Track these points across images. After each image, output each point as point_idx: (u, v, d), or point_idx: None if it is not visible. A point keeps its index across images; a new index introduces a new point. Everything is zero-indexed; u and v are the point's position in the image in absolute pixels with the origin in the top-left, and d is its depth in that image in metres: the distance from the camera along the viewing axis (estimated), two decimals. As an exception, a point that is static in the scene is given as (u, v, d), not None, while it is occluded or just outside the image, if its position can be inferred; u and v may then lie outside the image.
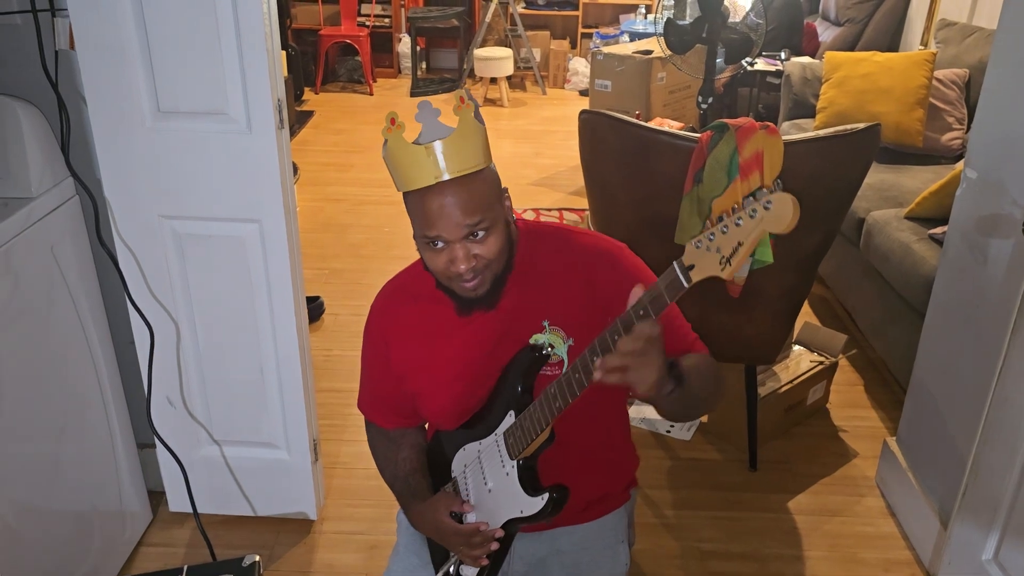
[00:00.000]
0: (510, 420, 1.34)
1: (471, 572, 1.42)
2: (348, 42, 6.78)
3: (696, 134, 2.10)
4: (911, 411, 2.35)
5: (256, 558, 1.75)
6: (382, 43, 7.23)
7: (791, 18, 5.20)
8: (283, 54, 1.71)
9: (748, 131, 2.01)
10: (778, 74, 4.61)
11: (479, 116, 1.24)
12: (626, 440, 1.57)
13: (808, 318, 3.33)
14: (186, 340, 2.10)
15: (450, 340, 1.40)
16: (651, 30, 6.16)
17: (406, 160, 1.20)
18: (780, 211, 0.93)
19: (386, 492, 1.49)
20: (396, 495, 1.54)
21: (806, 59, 4.54)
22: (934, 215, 2.83)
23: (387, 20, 7.21)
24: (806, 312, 3.40)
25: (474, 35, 6.96)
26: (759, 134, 2.02)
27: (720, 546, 2.29)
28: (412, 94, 6.78)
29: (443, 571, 1.44)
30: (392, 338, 1.45)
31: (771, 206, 0.94)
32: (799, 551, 2.28)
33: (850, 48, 4.83)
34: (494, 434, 1.36)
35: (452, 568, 1.44)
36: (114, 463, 2.14)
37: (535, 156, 5.41)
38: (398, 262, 1.48)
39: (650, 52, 4.88)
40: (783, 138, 2.04)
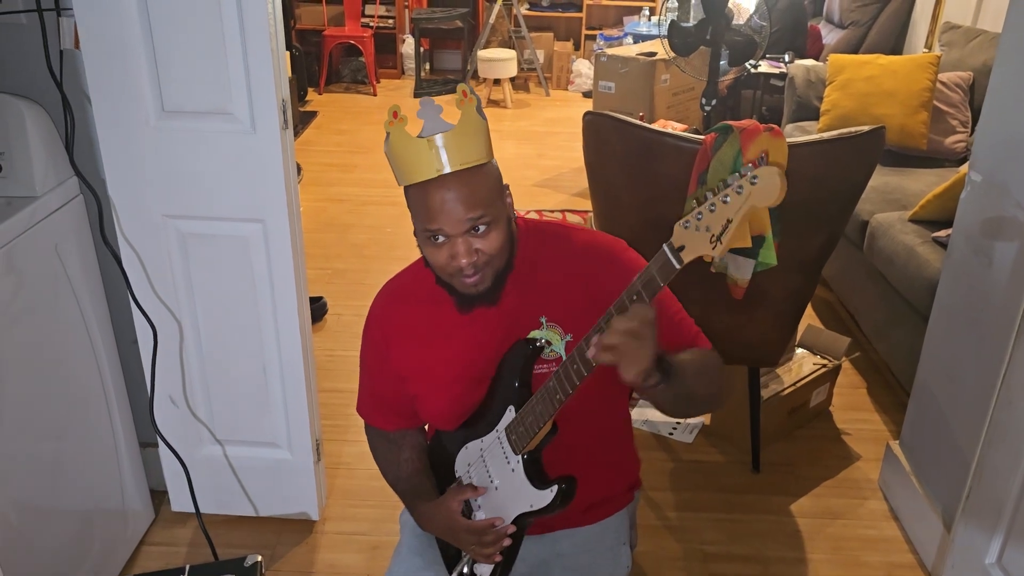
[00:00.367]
0: (510, 416, 1.33)
1: (486, 571, 1.41)
2: (352, 43, 6.79)
3: (700, 136, 2.10)
4: (914, 414, 2.34)
5: (258, 558, 1.75)
6: (386, 44, 7.24)
7: (795, 20, 5.20)
8: (287, 55, 1.71)
9: (752, 133, 2.01)
10: (782, 76, 4.61)
11: (481, 111, 1.24)
12: (628, 442, 1.57)
13: (811, 321, 3.32)
14: (189, 339, 2.10)
15: (449, 341, 1.40)
16: (655, 32, 6.17)
17: (408, 153, 1.20)
18: (767, 184, 0.93)
19: (388, 493, 1.49)
20: (401, 496, 1.53)
21: (810, 62, 4.53)
22: (938, 218, 2.82)
23: (391, 21, 7.21)
24: (809, 315, 3.39)
25: (478, 36, 6.97)
26: (763, 136, 2.02)
27: (722, 548, 2.29)
28: (416, 95, 6.78)
29: (457, 571, 1.44)
30: (392, 339, 1.45)
31: (758, 181, 0.94)
32: (802, 554, 2.28)
33: (854, 51, 4.83)
34: (495, 431, 1.36)
35: (466, 568, 1.43)
36: (116, 462, 2.14)
37: (538, 157, 5.41)
38: (401, 263, 1.47)
39: (654, 54, 4.88)
40: (787, 140, 2.04)
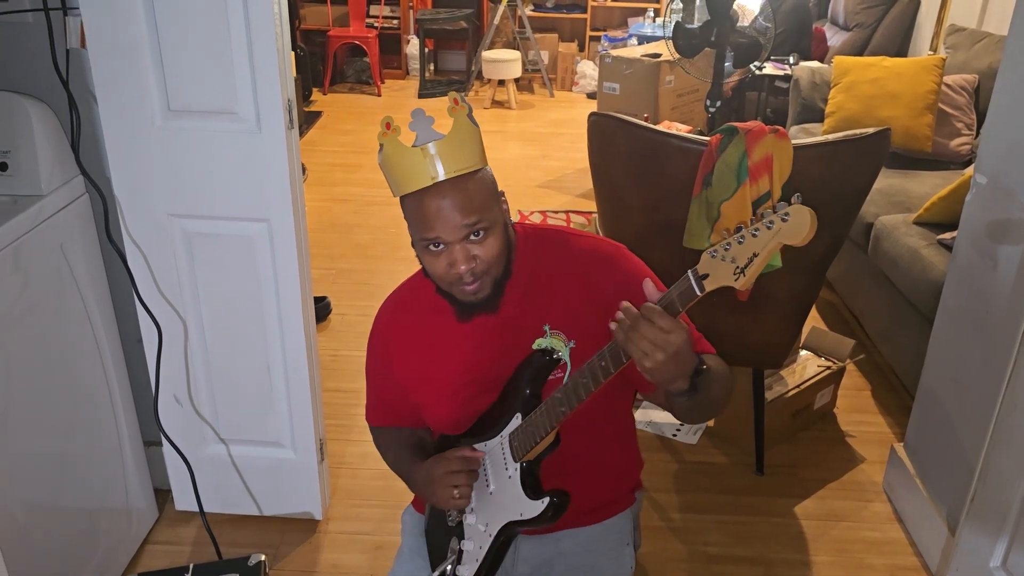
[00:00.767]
0: (516, 422, 1.34)
1: (468, 571, 1.42)
2: (356, 43, 6.79)
3: (705, 137, 2.09)
4: (919, 417, 2.34)
5: (262, 557, 1.75)
6: (390, 44, 7.24)
7: (800, 22, 5.19)
8: (292, 55, 1.71)
9: (758, 135, 2.01)
10: (786, 78, 4.60)
11: (472, 118, 1.25)
12: (631, 443, 1.57)
13: (816, 323, 3.32)
14: (194, 339, 2.10)
15: (452, 351, 1.41)
16: (659, 33, 6.16)
17: (402, 163, 1.21)
18: (797, 223, 0.94)
19: (392, 493, 1.49)
20: (400, 466, 1.52)
21: (815, 63, 4.53)
22: (943, 220, 2.82)
23: (396, 21, 7.22)
24: (813, 317, 3.39)
25: (482, 37, 6.97)
26: (769, 138, 2.02)
27: (726, 550, 2.29)
28: (420, 95, 6.79)
29: (440, 570, 1.45)
30: (395, 351, 1.47)
31: (788, 218, 0.94)
32: (806, 556, 2.27)
33: (859, 53, 4.83)
34: (499, 436, 1.36)
35: (450, 568, 1.44)
36: (121, 461, 2.15)
37: (542, 158, 5.41)
38: (404, 263, 1.48)
39: (658, 55, 4.88)
40: (792, 142, 2.04)
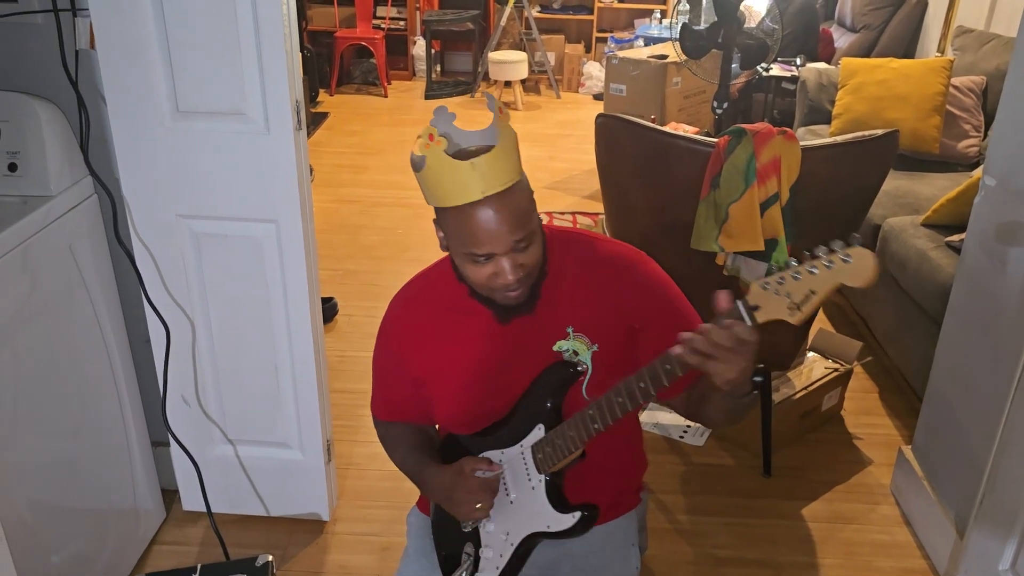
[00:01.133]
0: (539, 434, 1.33)
1: None
2: (363, 44, 6.80)
3: (713, 139, 2.09)
4: (927, 419, 2.33)
5: (269, 558, 1.75)
6: (397, 45, 7.25)
7: (807, 24, 5.18)
8: (299, 56, 1.71)
9: (766, 136, 2.01)
10: (793, 80, 4.59)
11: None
12: (637, 445, 1.57)
13: (823, 325, 3.31)
14: (202, 339, 2.10)
15: (470, 346, 1.39)
16: (666, 35, 6.16)
17: (447, 176, 1.17)
18: (861, 267, 0.94)
19: (399, 493, 1.49)
20: (409, 467, 1.50)
21: (822, 65, 4.52)
22: (951, 222, 2.81)
23: (402, 23, 7.23)
24: (821, 319, 3.38)
25: (489, 38, 6.97)
26: (777, 139, 2.01)
27: (734, 552, 2.28)
28: (426, 97, 6.80)
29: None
30: (408, 343, 1.45)
31: (850, 260, 0.94)
32: (813, 558, 2.27)
33: (866, 54, 4.81)
34: (519, 445, 1.36)
35: (465, 574, 1.43)
36: (129, 461, 2.15)
37: (549, 160, 5.41)
38: (412, 264, 1.48)
39: (665, 57, 4.88)
40: (800, 144, 2.03)
